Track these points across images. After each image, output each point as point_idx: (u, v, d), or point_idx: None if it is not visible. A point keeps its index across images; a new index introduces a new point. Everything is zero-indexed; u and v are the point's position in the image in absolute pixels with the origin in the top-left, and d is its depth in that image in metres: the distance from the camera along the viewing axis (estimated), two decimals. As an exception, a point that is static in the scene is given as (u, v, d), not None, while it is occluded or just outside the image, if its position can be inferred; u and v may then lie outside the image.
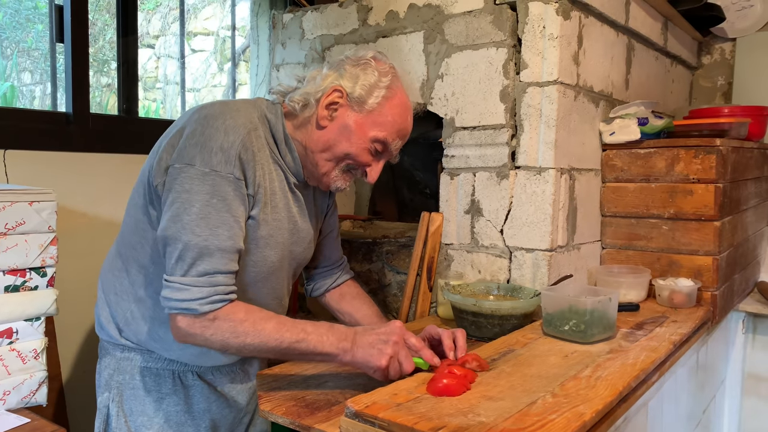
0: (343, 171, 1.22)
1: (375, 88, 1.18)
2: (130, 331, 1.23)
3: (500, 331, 1.43)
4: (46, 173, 1.66)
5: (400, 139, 1.23)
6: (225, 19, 3.76)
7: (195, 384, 1.26)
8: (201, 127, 1.10)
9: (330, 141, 1.19)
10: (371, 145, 1.19)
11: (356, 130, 1.18)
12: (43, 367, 1.32)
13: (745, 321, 2.09)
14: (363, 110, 1.18)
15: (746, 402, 2.11)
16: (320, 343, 1.07)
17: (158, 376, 1.24)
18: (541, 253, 1.58)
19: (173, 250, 1.06)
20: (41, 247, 1.29)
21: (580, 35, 1.65)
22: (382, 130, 1.19)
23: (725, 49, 2.60)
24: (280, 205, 1.21)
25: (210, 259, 1.05)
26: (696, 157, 1.69)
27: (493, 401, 0.97)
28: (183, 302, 1.04)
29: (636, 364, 1.18)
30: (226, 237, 1.07)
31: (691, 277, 1.72)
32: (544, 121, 1.57)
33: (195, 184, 1.06)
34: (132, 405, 1.23)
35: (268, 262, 1.21)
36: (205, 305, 1.04)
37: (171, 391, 1.24)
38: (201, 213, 1.06)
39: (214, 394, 1.29)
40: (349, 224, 2.35)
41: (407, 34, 1.84)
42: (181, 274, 1.05)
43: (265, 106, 1.22)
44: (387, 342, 1.06)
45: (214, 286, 1.05)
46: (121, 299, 1.23)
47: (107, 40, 3.58)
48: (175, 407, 1.24)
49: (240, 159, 1.10)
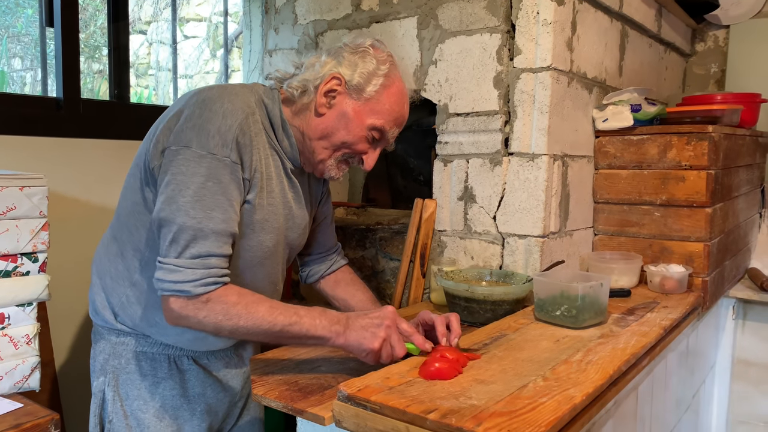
0: (339, 161, 1.23)
1: (373, 76, 1.19)
2: (126, 316, 1.23)
3: (492, 317, 1.44)
4: (37, 159, 1.65)
5: (396, 126, 1.24)
6: (217, 5, 3.73)
7: (190, 368, 1.27)
8: (199, 110, 1.10)
9: (328, 128, 1.19)
10: (368, 133, 1.20)
11: (354, 118, 1.18)
12: (35, 353, 1.32)
13: (735, 307, 2.11)
14: (361, 98, 1.18)
15: (735, 387, 2.14)
16: (313, 326, 1.07)
17: (154, 361, 1.24)
18: (533, 239, 1.59)
19: (167, 232, 1.06)
20: (32, 232, 1.29)
21: (573, 21, 1.64)
22: (380, 118, 1.20)
23: (719, 37, 2.60)
24: (276, 190, 1.21)
25: (204, 241, 1.06)
26: (688, 143, 1.70)
27: (484, 385, 0.98)
28: (176, 284, 1.04)
29: (626, 349, 1.19)
30: (220, 220, 1.07)
31: (682, 263, 1.73)
32: (538, 107, 1.57)
33: (191, 167, 1.07)
34: (128, 389, 1.23)
35: (263, 247, 1.21)
36: (199, 287, 1.04)
37: (167, 376, 1.25)
38: (196, 195, 1.06)
39: (209, 379, 1.29)
40: (343, 211, 2.34)
41: (401, 20, 1.83)
42: (175, 256, 1.05)
43: (262, 91, 1.22)
44: (380, 326, 1.07)
45: (207, 269, 1.06)
46: (117, 283, 1.24)
47: (98, 26, 3.55)
48: (171, 391, 1.25)
49: (237, 143, 1.10)
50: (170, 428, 1.25)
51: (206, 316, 1.06)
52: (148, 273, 1.19)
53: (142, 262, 1.20)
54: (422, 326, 1.19)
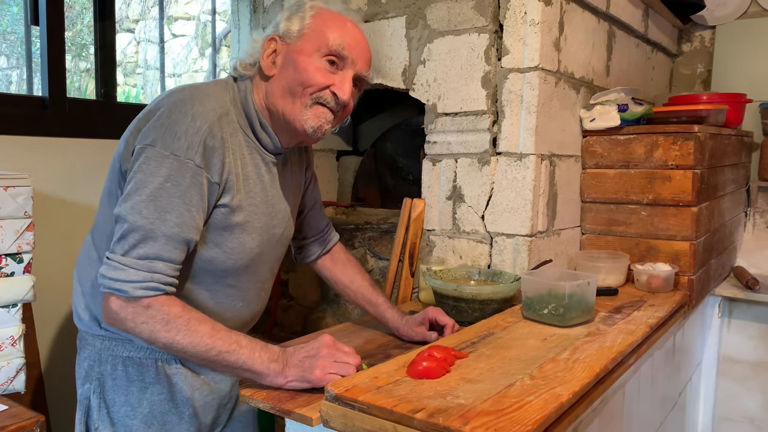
0: (310, 106, 1.15)
1: (299, 17, 1.17)
2: None
3: (481, 316, 1.44)
4: (22, 158, 1.64)
5: (348, 42, 1.16)
6: (206, 4, 3.70)
7: (178, 372, 1.24)
8: (169, 110, 1.08)
9: (282, 82, 1.15)
10: (322, 62, 1.14)
11: (298, 56, 1.15)
12: (20, 354, 1.31)
13: (721, 305, 2.13)
14: (296, 39, 1.16)
15: (721, 384, 2.16)
16: (250, 358, 1.04)
17: (141, 365, 1.21)
18: (521, 238, 1.60)
19: (119, 228, 1.04)
20: (17, 233, 1.27)
21: (561, 21, 1.65)
22: (324, 42, 1.14)
23: (705, 37, 2.62)
24: (255, 190, 1.20)
25: (153, 243, 1.03)
26: (674, 143, 1.71)
27: (472, 383, 0.98)
28: (117, 282, 1.02)
29: (613, 347, 1.20)
30: (173, 224, 1.04)
31: (669, 261, 1.74)
32: (525, 107, 1.58)
33: (152, 166, 1.04)
34: (114, 395, 1.21)
35: (246, 249, 1.20)
36: (138, 289, 1.01)
37: (154, 380, 1.22)
38: (152, 195, 1.04)
39: (197, 381, 1.27)
40: (332, 210, 2.34)
41: (389, 19, 1.83)
42: (121, 254, 1.03)
43: (236, 88, 1.21)
44: (315, 356, 1.05)
45: (152, 272, 1.03)
46: (97, 290, 1.19)
47: (85, 24, 3.51)
48: (159, 396, 1.22)
49: (205, 145, 1.07)
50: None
51: (144, 322, 1.02)
52: None
53: None
54: (430, 322, 1.32)
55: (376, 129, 2.54)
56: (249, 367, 1.04)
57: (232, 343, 1.04)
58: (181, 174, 1.05)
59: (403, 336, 1.39)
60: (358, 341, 1.37)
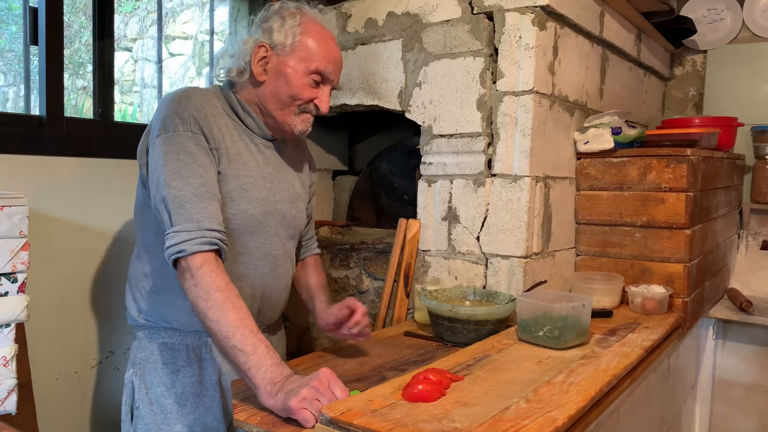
0: (297, 114, 1.34)
1: (289, 30, 1.31)
2: (148, 307, 1.36)
3: (476, 337, 1.44)
4: (19, 177, 1.63)
5: (330, 63, 1.33)
6: (203, 23, 3.74)
7: (207, 357, 1.36)
8: (160, 107, 1.27)
9: (273, 90, 1.32)
10: (308, 79, 1.31)
11: (289, 71, 1.30)
12: (12, 375, 1.30)
13: (716, 327, 2.13)
14: (287, 52, 1.30)
15: (716, 406, 2.15)
16: (256, 368, 1.04)
17: (174, 350, 1.35)
18: (516, 259, 1.60)
19: (162, 209, 1.17)
20: (12, 252, 1.27)
21: (555, 45, 1.67)
22: (312, 62, 1.30)
23: (696, 61, 2.66)
24: (250, 164, 1.33)
25: (190, 205, 1.15)
26: (668, 166, 1.73)
27: (467, 407, 0.98)
28: (176, 246, 1.12)
29: (608, 370, 1.20)
30: (199, 184, 1.18)
31: (663, 283, 1.75)
32: (520, 129, 1.59)
33: (162, 150, 1.21)
34: (152, 378, 1.34)
35: (248, 216, 1.31)
36: (195, 245, 1.11)
37: (185, 364, 1.35)
38: (173, 170, 1.18)
39: (225, 367, 1.36)
40: (328, 230, 2.34)
41: (386, 42, 1.85)
42: (171, 225, 1.15)
43: (219, 90, 1.38)
44: (303, 386, 0.99)
45: (200, 230, 1.13)
46: (137, 281, 1.38)
47: (83, 43, 3.54)
48: (190, 378, 1.34)
49: (194, 118, 1.24)
50: (191, 415, 1.33)
51: (195, 285, 1.10)
52: (156, 261, 1.32)
53: (150, 254, 1.34)
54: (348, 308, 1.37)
55: (372, 149, 2.55)
56: (251, 376, 1.05)
57: (249, 345, 1.06)
58: (186, 144, 1.21)
59: (320, 322, 1.46)
60: (352, 363, 1.36)
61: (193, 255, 1.11)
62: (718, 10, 2.57)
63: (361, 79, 1.93)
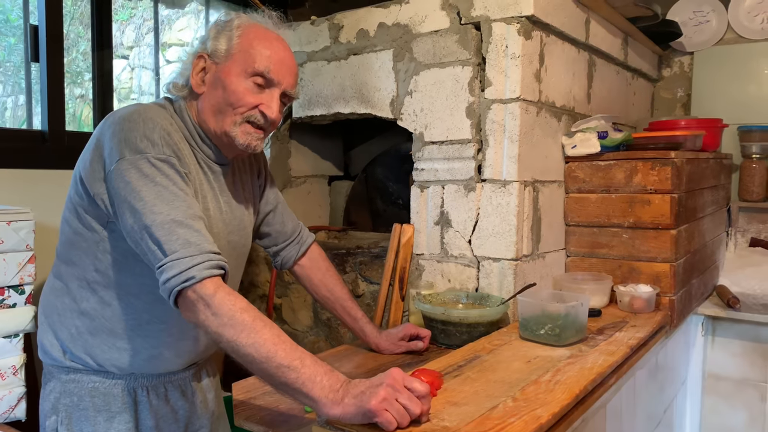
0: (239, 124, 1.19)
1: (227, 36, 1.19)
2: (78, 349, 1.20)
3: (468, 338, 1.49)
4: (23, 192, 1.68)
5: (273, 64, 1.19)
6: (199, 31, 3.77)
7: (143, 400, 1.24)
8: (118, 126, 1.10)
9: (212, 101, 1.19)
10: (249, 83, 1.18)
11: (226, 76, 1.18)
12: (21, 383, 1.35)
13: (705, 324, 2.18)
14: (224, 58, 1.19)
15: (707, 400, 2.20)
16: (311, 381, 0.94)
17: (107, 395, 1.21)
18: (507, 262, 1.65)
19: (146, 240, 1.03)
20: (19, 265, 1.32)
21: (541, 53, 1.72)
22: (250, 64, 1.17)
23: (684, 62, 2.71)
24: (208, 197, 1.22)
25: (181, 229, 1.02)
26: (653, 168, 1.78)
27: (457, 406, 1.03)
28: (181, 274, 0.99)
29: (593, 368, 1.25)
30: (186, 206, 1.05)
31: (650, 283, 1.80)
32: (508, 136, 1.64)
33: (133, 174, 1.05)
34: (82, 426, 1.20)
35: None
36: (204, 270, 0.99)
37: (121, 409, 1.21)
38: (151, 194, 1.04)
39: (162, 410, 1.27)
40: (324, 235, 2.39)
41: (377, 52, 1.90)
42: (167, 254, 1.01)
43: (172, 107, 1.24)
44: (379, 385, 0.93)
45: (203, 252, 1.01)
46: (64, 317, 1.21)
47: (80, 52, 3.57)
48: (125, 425, 1.21)
49: (165, 141, 1.10)
50: None
51: (214, 314, 0.98)
52: (95, 299, 1.18)
53: (89, 290, 1.18)
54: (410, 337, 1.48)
55: (366, 155, 2.60)
56: (307, 391, 0.94)
57: (296, 358, 0.95)
58: (160, 167, 1.07)
59: (384, 350, 1.49)
60: (348, 365, 1.41)
61: (202, 282, 0.98)
62: (704, 12, 2.62)
63: (354, 89, 1.97)
